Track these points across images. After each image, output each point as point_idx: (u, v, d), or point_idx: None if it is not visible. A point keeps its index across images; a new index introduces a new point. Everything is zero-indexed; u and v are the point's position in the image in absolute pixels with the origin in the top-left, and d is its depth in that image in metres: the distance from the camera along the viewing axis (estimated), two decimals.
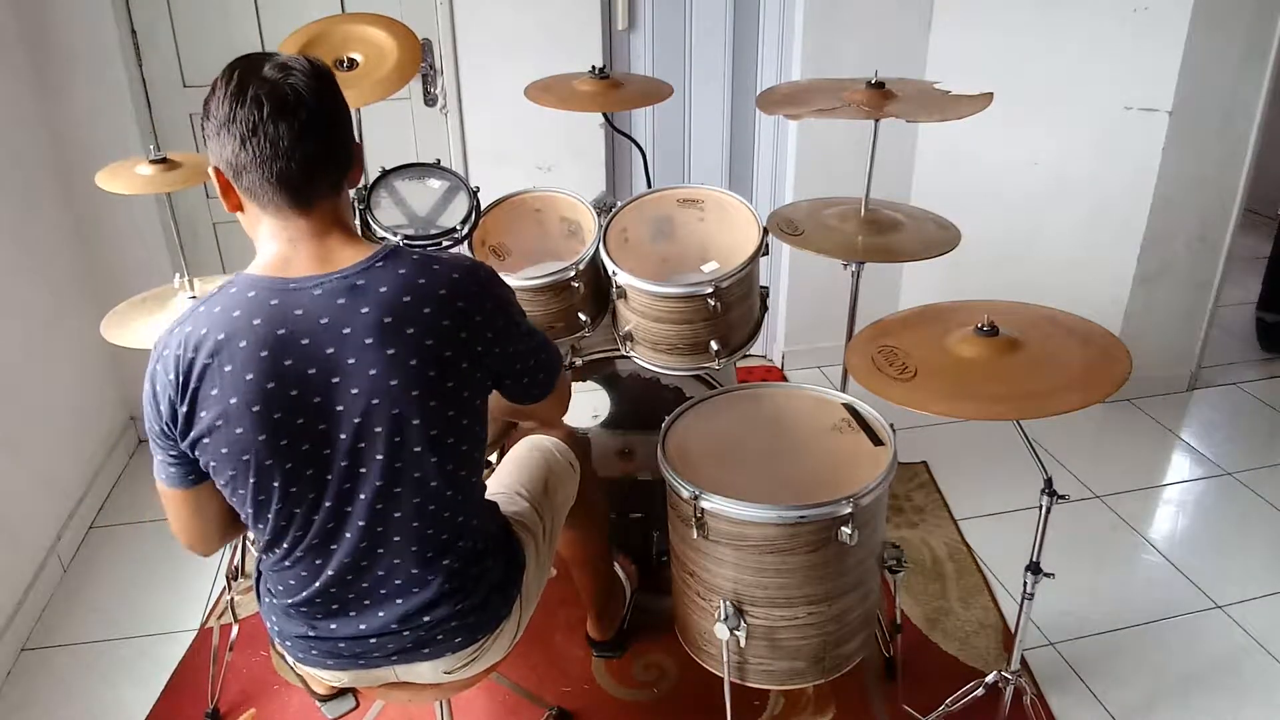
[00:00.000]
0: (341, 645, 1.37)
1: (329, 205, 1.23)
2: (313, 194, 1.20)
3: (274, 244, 1.22)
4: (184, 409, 1.19)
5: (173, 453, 1.25)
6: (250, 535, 1.43)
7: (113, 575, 2.51)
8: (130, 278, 2.63)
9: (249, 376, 1.16)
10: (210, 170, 1.22)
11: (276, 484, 1.23)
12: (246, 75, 1.15)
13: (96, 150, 2.60)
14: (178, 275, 1.98)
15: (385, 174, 2.13)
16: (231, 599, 2.11)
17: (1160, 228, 2.93)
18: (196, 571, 2.49)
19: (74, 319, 2.74)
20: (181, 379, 1.18)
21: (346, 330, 1.17)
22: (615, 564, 2.18)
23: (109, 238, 2.83)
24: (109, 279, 2.82)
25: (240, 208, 1.24)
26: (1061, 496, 1.60)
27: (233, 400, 1.17)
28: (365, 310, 1.18)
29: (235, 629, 2.12)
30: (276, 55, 1.19)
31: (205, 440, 1.20)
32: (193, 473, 1.27)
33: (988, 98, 1.89)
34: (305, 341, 1.17)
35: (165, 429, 1.22)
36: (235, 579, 2.19)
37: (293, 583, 1.34)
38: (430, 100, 2.97)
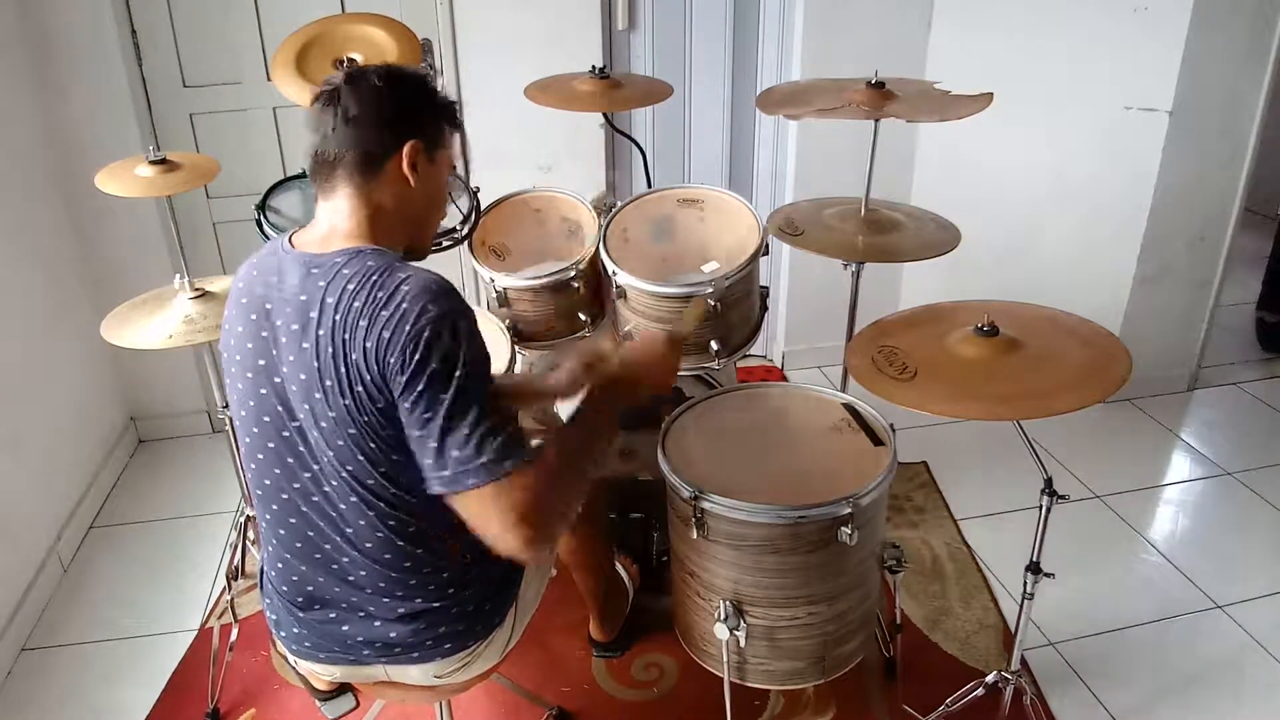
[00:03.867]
0: (331, 640, 1.38)
1: (341, 199, 1.26)
2: (324, 186, 1.27)
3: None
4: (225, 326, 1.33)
5: None
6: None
7: (113, 575, 2.51)
8: (130, 278, 2.63)
9: (240, 328, 1.27)
10: None
11: (248, 439, 1.31)
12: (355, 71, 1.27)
13: (96, 150, 2.60)
14: (178, 276, 1.98)
15: None
16: (231, 599, 2.11)
17: (1160, 228, 2.93)
18: (196, 571, 2.50)
19: (74, 319, 2.74)
20: (229, 307, 1.32)
21: (288, 310, 1.22)
22: (618, 564, 2.18)
23: (109, 238, 2.83)
24: (109, 279, 2.82)
25: None
26: (1061, 496, 1.60)
27: (231, 341, 1.29)
28: (303, 298, 1.20)
29: (235, 629, 2.12)
30: (375, 67, 1.28)
31: (225, 356, 1.33)
32: None
33: (988, 98, 1.89)
34: (269, 307, 1.24)
35: None
36: (235, 579, 2.20)
37: (269, 550, 1.39)
38: None
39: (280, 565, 1.37)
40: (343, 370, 1.16)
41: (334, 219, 1.26)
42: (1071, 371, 1.44)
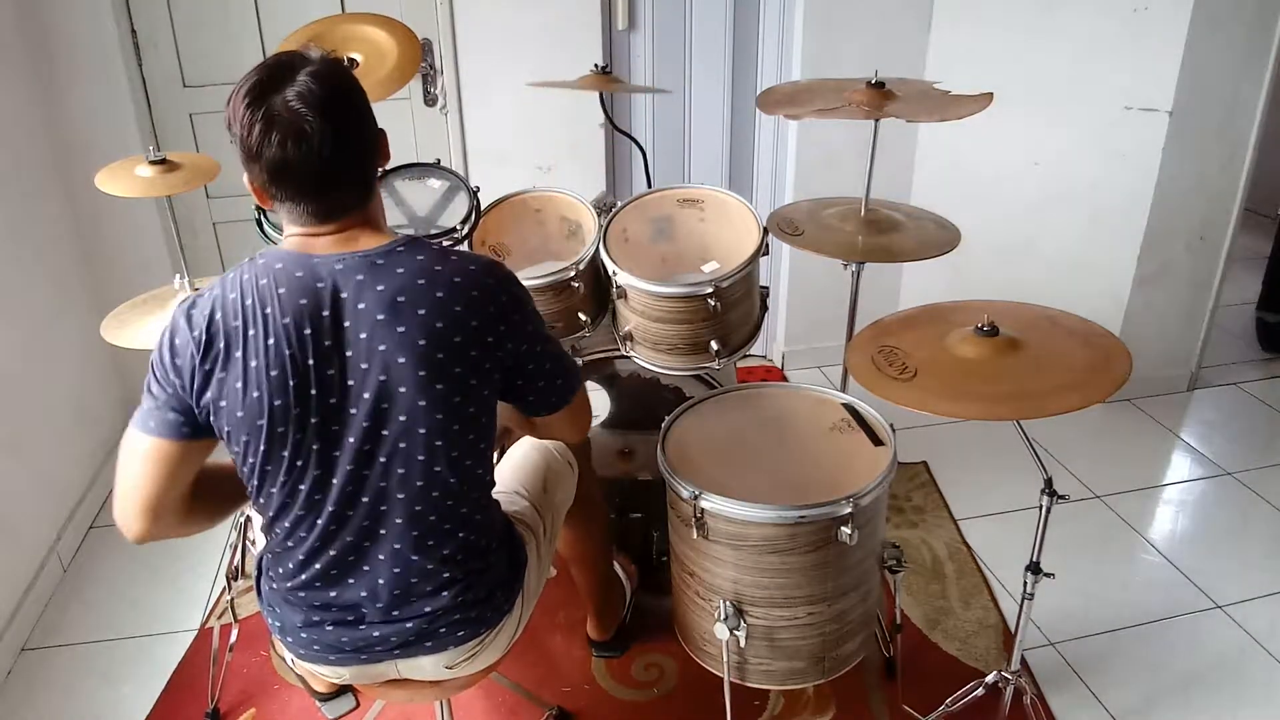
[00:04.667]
0: (344, 640, 1.38)
1: (352, 214, 1.27)
2: (331, 215, 1.26)
3: (300, 233, 1.28)
4: (204, 367, 1.22)
5: (174, 405, 1.25)
6: (253, 513, 1.45)
7: (113, 575, 2.51)
8: (130, 278, 2.63)
9: (270, 342, 1.21)
10: (244, 178, 1.24)
11: (285, 453, 1.25)
12: (265, 102, 1.17)
13: (96, 150, 2.60)
14: (178, 276, 1.98)
15: (385, 174, 2.13)
16: (231, 599, 2.11)
17: (1160, 228, 2.94)
18: (196, 571, 2.50)
19: (74, 319, 2.74)
20: (207, 339, 1.22)
21: (361, 305, 1.22)
22: (615, 564, 2.18)
23: (109, 238, 2.83)
24: (109, 279, 2.83)
25: (269, 205, 1.28)
26: (1061, 496, 1.60)
27: (253, 364, 1.21)
28: (380, 288, 1.22)
29: (235, 629, 2.12)
30: (294, 76, 1.18)
31: (222, 403, 1.23)
32: (188, 425, 1.26)
33: (988, 98, 1.89)
34: (325, 313, 1.22)
35: (178, 384, 1.23)
36: (235, 579, 2.19)
37: (291, 566, 1.36)
38: (430, 100, 2.97)
39: (303, 577, 1.35)
40: (456, 339, 1.24)
41: (345, 222, 1.27)
42: (1072, 372, 1.44)
